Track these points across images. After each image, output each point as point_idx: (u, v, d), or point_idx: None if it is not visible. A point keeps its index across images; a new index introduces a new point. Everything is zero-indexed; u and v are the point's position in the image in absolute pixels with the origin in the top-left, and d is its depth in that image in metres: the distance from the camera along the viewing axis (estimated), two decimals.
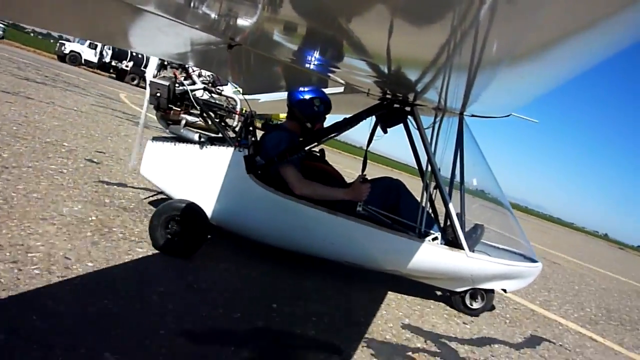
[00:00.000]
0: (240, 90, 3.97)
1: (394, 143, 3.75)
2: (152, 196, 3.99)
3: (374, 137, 3.59)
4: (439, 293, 3.78)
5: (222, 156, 3.07)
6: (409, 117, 3.37)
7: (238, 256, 3.24)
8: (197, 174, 3.12)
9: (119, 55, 26.75)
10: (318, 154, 3.57)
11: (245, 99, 3.73)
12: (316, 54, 2.43)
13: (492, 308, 3.82)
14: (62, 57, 26.54)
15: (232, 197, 3.09)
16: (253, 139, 3.34)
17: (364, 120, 3.36)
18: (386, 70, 2.25)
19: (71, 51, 26.61)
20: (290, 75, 3.53)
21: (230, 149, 3.07)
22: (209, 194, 3.05)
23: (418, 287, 3.52)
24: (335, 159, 9.37)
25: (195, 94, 3.38)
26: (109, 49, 26.32)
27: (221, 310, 2.31)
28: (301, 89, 3.36)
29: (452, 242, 3.13)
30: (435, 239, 3.12)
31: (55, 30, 2.56)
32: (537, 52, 1.48)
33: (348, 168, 12.22)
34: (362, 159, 3.71)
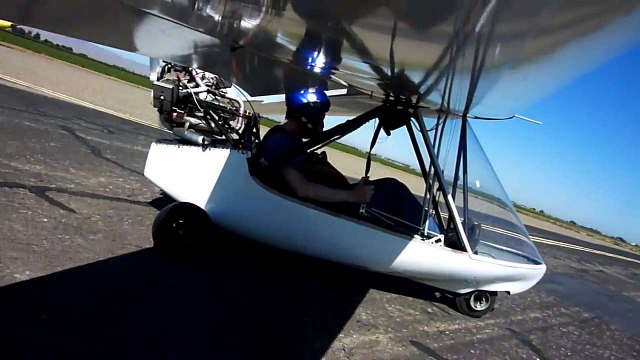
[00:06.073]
0: (244, 92, 3.97)
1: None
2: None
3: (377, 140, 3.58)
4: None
5: (225, 158, 3.07)
6: (412, 119, 3.37)
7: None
8: (201, 177, 3.13)
9: None
10: (320, 157, 3.56)
11: (248, 101, 3.74)
12: (320, 57, 2.43)
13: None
14: None
15: (236, 199, 3.10)
16: (256, 141, 3.34)
17: (367, 123, 3.36)
18: (389, 73, 2.25)
19: None
20: (293, 78, 3.53)
21: (234, 151, 3.08)
22: (212, 196, 3.05)
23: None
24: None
25: (198, 97, 3.37)
26: None
27: None
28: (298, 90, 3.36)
29: (454, 244, 3.12)
30: (438, 241, 3.11)
31: (55, 31, 2.55)
32: (540, 54, 1.48)
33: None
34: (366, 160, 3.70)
